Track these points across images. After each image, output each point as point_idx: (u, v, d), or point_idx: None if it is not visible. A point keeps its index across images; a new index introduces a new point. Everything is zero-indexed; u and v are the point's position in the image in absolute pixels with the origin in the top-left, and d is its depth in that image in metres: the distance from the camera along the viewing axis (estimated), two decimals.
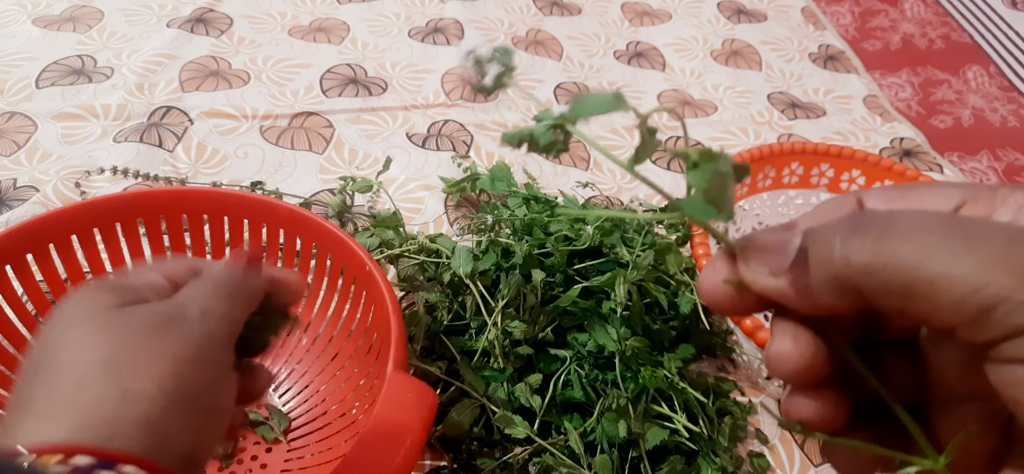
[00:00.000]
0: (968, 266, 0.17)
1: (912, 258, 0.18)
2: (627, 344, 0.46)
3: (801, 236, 0.20)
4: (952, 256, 0.17)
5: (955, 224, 0.18)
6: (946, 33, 0.99)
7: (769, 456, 0.49)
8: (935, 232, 0.18)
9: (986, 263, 0.17)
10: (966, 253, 0.17)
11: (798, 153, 0.59)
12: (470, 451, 0.46)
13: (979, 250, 0.17)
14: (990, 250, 0.17)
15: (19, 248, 0.42)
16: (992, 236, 0.17)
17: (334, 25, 0.86)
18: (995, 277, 0.17)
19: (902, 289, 0.18)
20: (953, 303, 0.17)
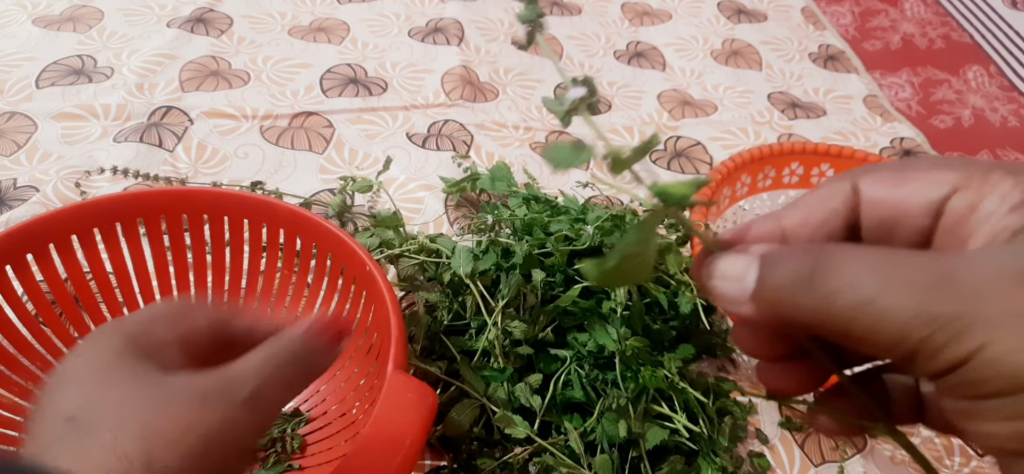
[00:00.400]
0: (889, 322, 0.18)
1: (845, 313, 0.19)
2: (627, 344, 0.46)
3: (758, 267, 0.21)
4: (878, 311, 0.19)
5: (885, 275, 0.19)
6: (946, 33, 0.99)
7: (769, 456, 0.49)
8: (863, 286, 0.19)
9: (904, 318, 0.18)
10: (888, 309, 0.18)
11: (798, 153, 0.59)
12: (470, 451, 0.46)
13: (901, 303, 0.18)
14: (911, 302, 0.18)
15: (19, 248, 0.42)
16: (914, 285, 0.18)
17: (334, 25, 0.86)
18: (911, 331, 0.18)
19: (842, 337, 0.20)
20: (886, 351, 0.19)
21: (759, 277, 0.21)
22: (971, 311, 0.18)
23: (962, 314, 0.18)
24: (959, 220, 0.21)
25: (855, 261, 0.19)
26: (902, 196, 0.22)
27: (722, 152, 0.75)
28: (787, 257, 0.21)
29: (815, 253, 0.20)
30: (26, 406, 0.43)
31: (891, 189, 0.22)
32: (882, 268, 0.19)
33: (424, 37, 0.86)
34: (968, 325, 0.18)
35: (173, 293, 0.49)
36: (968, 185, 0.21)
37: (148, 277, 0.48)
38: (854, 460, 0.50)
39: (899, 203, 0.22)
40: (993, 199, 0.20)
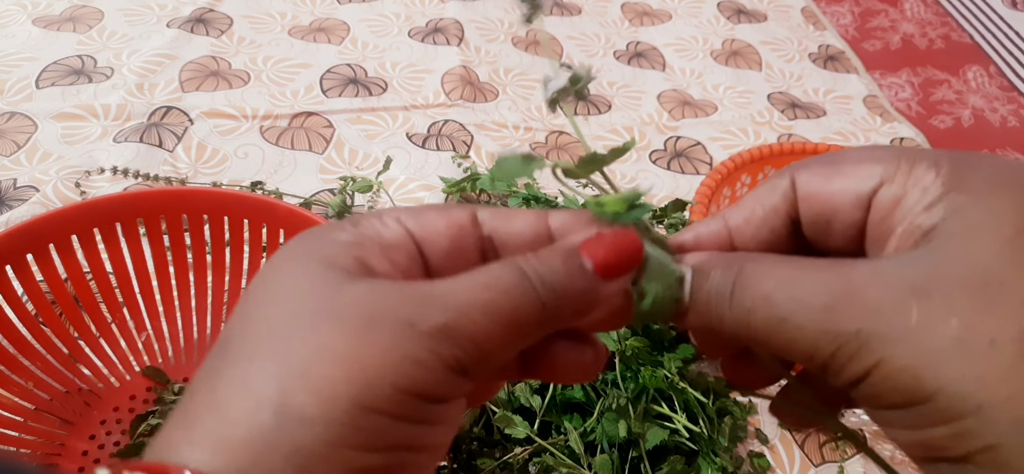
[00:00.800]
0: (800, 339, 0.19)
1: (762, 329, 0.20)
2: (627, 344, 0.46)
3: (689, 279, 0.21)
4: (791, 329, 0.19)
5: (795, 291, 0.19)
6: (946, 33, 0.99)
7: (769, 456, 0.49)
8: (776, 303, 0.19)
9: (811, 335, 0.19)
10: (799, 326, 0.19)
11: (798, 153, 0.59)
12: (470, 451, 0.46)
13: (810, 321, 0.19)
14: (817, 319, 0.19)
15: (19, 248, 0.42)
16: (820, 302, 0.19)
17: (334, 25, 0.86)
18: (819, 347, 0.19)
19: (766, 348, 0.20)
20: (803, 363, 0.20)
21: (691, 291, 0.21)
22: (869, 328, 0.18)
23: (860, 331, 0.18)
24: (886, 214, 0.20)
25: (768, 276, 0.20)
26: (833, 190, 0.21)
27: (722, 152, 0.75)
28: (713, 269, 0.21)
29: (736, 268, 0.20)
30: (26, 406, 0.43)
31: (823, 183, 0.22)
32: (792, 284, 0.19)
33: (424, 37, 0.86)
34: (866, 341, 0.18)
35: (174, 294, 0.49)
36: (894, 177, 0.20)
37: (148, 277, 0.48)
38: (854, 460, 0.50)
39: (830, 197, 0.22)
40: (916, 192, 0.20)
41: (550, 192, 0.65)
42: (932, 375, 0.17)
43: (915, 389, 0.17)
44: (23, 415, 0.42)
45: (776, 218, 0.23)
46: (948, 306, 0.17)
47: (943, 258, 0.18)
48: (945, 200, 0.19)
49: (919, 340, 0.17)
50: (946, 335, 0.17)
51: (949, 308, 0.17)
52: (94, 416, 0.45)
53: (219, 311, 0.50)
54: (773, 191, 0.23)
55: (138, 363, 0.48)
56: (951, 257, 0.18)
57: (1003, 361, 0.17)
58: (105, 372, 0.47)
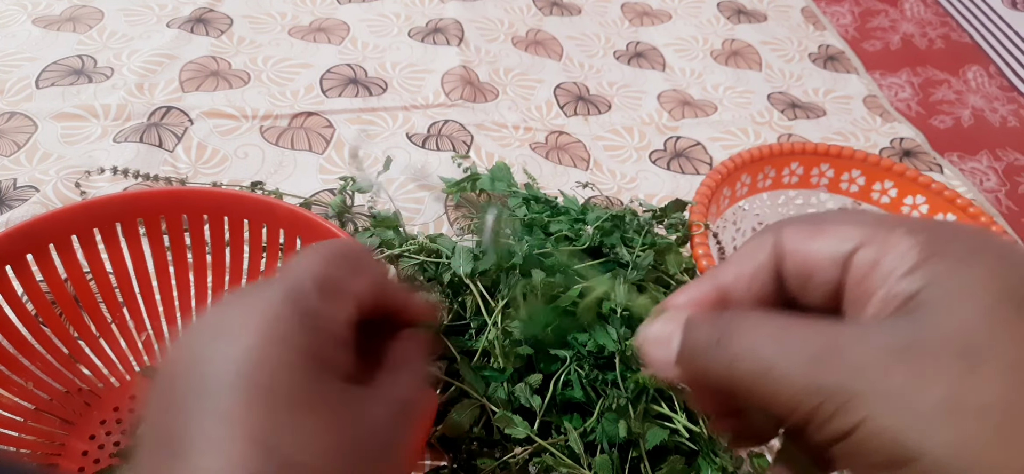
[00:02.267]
0: (783, 391, 0.19)
1: (746, 379, 0.20)
2: (627, 344, 0.46)
3: (681, 333, 0.22)
4: (775, 379, 0.19)
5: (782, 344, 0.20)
6: (946, 33, 0.99)
7: (769, 456, 0.49)
8: (760, 354, 0.20)
9: (795, 388, 0.19)
10: (783, 377, 0.19)
11: (798, 153, 0.59)
12: (470, 451, 0.46)
13: (794, 372, 0.19)
14: (802, 372, 0.19)
15: (19, 248, 0.42)
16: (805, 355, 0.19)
17: (334, 25, 0.86)
18: (802, 400, 0.19)
19: (750, 400, 0.21)
20: (785, 415, 0.20)
21: (681, 342, 0.22)
22: (853, 386, 0.18)
23: (845, 387, 0.18)
24: (863, 276, 0.21)
25: (755, 329, 0.20)
26: (813, 249, 0.22)
27: (722, 152, 0.75)
28: (702, 323, 0.22)
29: (725, 320, 0.21)
30: (26, 406, 0.43)
31: (805, 241, 0.23)
32: (778, 337, 0.20)
33: (424, 37, 0.86)
34: (850, 399, 0.18)
35: (174, 294, 0.49)
36: (872, 241, 0.21)
37: (148, 277, 0.48)
38: None
39: (809, 255, 0.22)
40: (892, 258, 0.20)
41: (550, 192, 0.65)
42: (916, 438, 0.17)
43: (898, 451, 0.17)
44: (23, 415, 0.42)
45: (764, 274, 0.24)
46: (933, 371, 0.18)
47: (926, 324, 0.18)
48: (924, 267, 0.19)
49: (904, 402, 0.18)
50: (931, 399, 0.17)
51: (934, 373, 0.18)
52: (94, 416, 0.45)
53: None
54: (760, 247, 0.24)
55: (138, 363, 0.48)
56: (934, 324, 0.18)
57: (989, 427, 0.17)
58: (105, 372, 0.47)
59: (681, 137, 0.77)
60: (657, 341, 0.23)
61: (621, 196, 0.68)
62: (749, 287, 0.24)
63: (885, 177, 0.58)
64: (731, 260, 0.24)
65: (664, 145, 0.75)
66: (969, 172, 0.78)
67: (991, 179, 0.77)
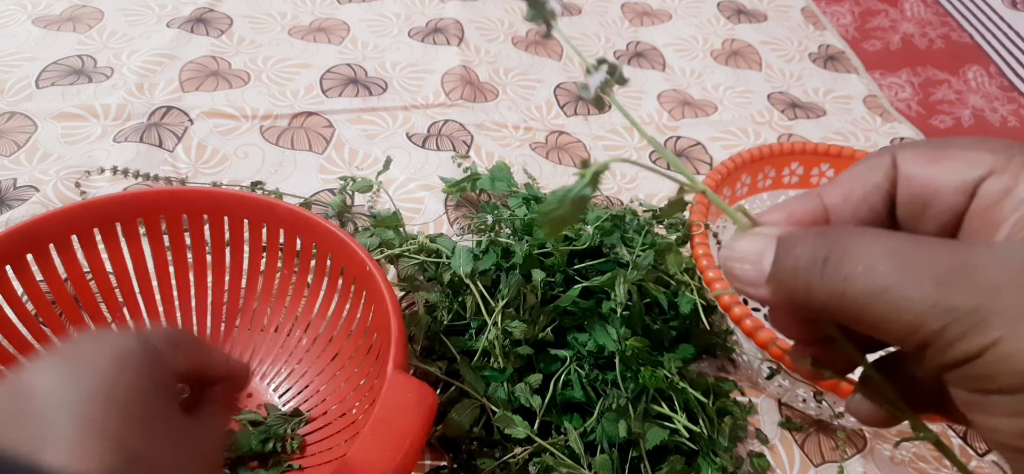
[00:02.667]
0: (903, 311, 0.18)
1: (859, 299, 0.19)
2: (627, 344, 0.46)
3: (774, 249, 0.21)
4: (893, 300, 0.18)
5: (903, 262, 0.18)
6: (946, 33, 0.99)
7: (769, 456, 0.49)
8: (879, 272, 0.19)
9: (919, 308, 0.18)
10: (904, 297, 0.18)
11: (798, 153, 0.59)
12: (470, 451, 0.46)
13: (918, 293, 0.18)
14: (927, 292, 0.18)
15: (19, 248, 0.42)
16: (932, 275, 0.18)
17: (334, 25, 0.86)
18: (926, 321, 0.18)
19: (855, 323, 0.19)
20: (898, 339, 0.19)
21: (775, 259, 0.21)
22: (988, 305, 0.17)
23: (979, 308, 0.17)
24: (992, 204, 0.20)
25: (872, 246, 0.19)
26: (936, 173, 0.21)
27: (722, 152, 0.75)
28: (803, 239, 0.20)
29: (832, 236, 0.20)
30: None
31: (926, 166, 0.21)
32: (900, 255, 0.19)
33: (424, 37, 0.86)
34: (984, 319, 0.17)
35: (174, 294, 0.49)
36: (1006, 168, 0.20)
37: (148, 277, 0.48)
38: (854, 460, 0.50)
39: (932, 180, 0.21)
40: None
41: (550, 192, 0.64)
42: None
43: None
44: None
45: (876, 196, 0.22)
46: None
47: None
48: None
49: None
50: None
51: None
52: None
53: (219, 311, 0.50)
54: (874, 169, 0.22)
55: None
56: None
57: None
58: None
59: (681, 137, 0.77)
60: (746, 256, 0.21)
61: (621, 196, 0.68)
62: (856, 210, 0.22)
63: None
64: (840, 180, 0.23)
65: (664, 145, 0.75)
66: None
67: None
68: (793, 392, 0.51)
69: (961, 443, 0.52)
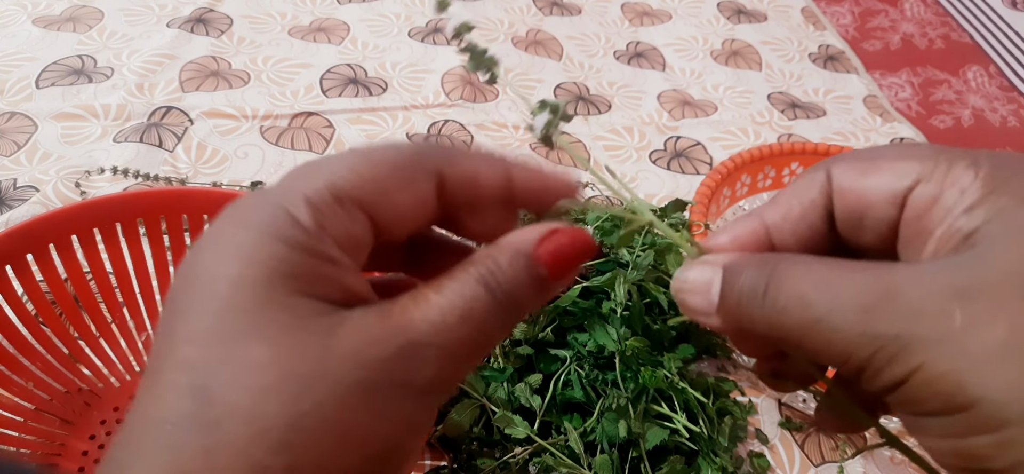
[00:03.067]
0: (835, 342, 0.18)
1: (795, 331, 0.19)
2: (627, 344, 0.46)
3: (721, 278, 0.21)
4: (826, 330, 0.18)
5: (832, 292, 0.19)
6: (946, 33, 0.99)
7: (769, 456, 0.49)
8: (811, 303, 0.19)
9: (847, 337, 0.18)
10: (835, 328, 0.18)
11: (798, 153, 0.59)
12: (470, 451, 0.46)
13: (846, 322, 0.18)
14: (855, 321, 0.18)
15: (19, 248, 0.42)
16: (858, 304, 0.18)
17: (334, 25, 0.86)
18: (855, 350, 0.18)
19: (798, 351, 0.20)
20: (837, 366, 0.19)
21: (721, 290, 0.21)
22: (909, 331, 0.17)
23: (901, 334, 0.17)
24: (921, 213, 0.20)
25: (805, 277, 0.19)
26: (868, 186, 0.21)
27: (722, 152, 0.75)
28: (745, 269, 0.20)
29: (769, 267, 0.20)
30: (26, 406, 0.43)
31: (858, 179, 0.21)
32: (829, 285, 0.19)
33: (424, 37, 0.86)
34: (906, 345, 0.17)
35: None
36: (931, 176, 0.20)
37: (148, 277, 0.48)
38: (854, 460, 0.50)
39: (864, 193, 0.21)
40: (952, 193, 0.19)
41: None
42: (976, 381, 0.17)
43: (956, 395, 0.17)
44: (23, 415, 0.42)
45: (814, 213, 0.22)
46: (994, 310, 0.17)
47: (987, 261, 0.18)
48: (986, 202, 0.19)
49: (962, 344, 0.17)
50: (992, 339, 0.17)
51: (995, 312, 0.17)
52: (94, 416, 0.45)
53: None
54: (810, 185, 0.22)
55: (138, 363, 0.48)
56: (996, 261, 0.18)
57: None
58: (105, 372, 0.47)
59: (681, 137, 0.77)
60: (695, 288, 0.22)
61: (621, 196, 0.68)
62: (796, 228, 0.22)
63: None
64: (778, 198, 0.23)
65: (664, 145, 0.75)
66: None
67: None
68: (793, 392, 0.51)
69: None
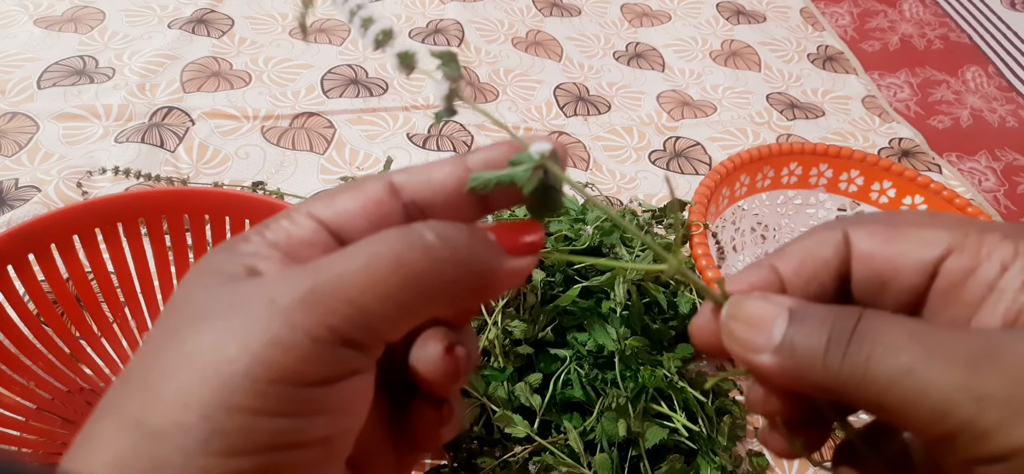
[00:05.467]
0: (930, 395, 0.17)
1: (880, 380, 0.18)
2: (627, 343, 0.46)
3: (786, 320, 0.20)
4: (917, 383, 0.17)
5: (927, 343, 0.17)
6: (945, 34, 1.00)
7: (768, 455, 0.50)
8: (903, 352, 0.18)
9: (948, 391, 0.17)
10: (930, 380, 0.17)
11: (797, 153, 0.59)
12: (470, 450, 0.46)
13: (945, 375, 0.17)
14: (953, 376, 0.17)
15: (21, 248, 0.42)
16: (956, 358, 0.17)
17: (335, 26, 0.86)
18: (954, 407, 0.17)
19: (874, 408, 0.18)
20: (921, 426, 0.18)
21: (787, 330, 0.20)
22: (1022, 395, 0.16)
23: (1014, 398, 0.16)
24: (955, 284, 0.20)
25: (896, 326, 0.18)
26: (894, 253, 0.21)
27: (721, 152, 0.75)
28: (819, 315, 0.20)
29: (853, 315, 0.19)
30: (28, 405, 0.43)
31: (883, 244, 0.21)
32: (923, 337, 0.18)
33: (424, 38, 0.86)
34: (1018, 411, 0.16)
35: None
36: (963, 247, 0.20)
37: (150, 277, 0.48)
38: None
39: (890, 260, 0.21)
40: (991, 265, 0.19)
41: None
42: None
43: None
44: (25, 414, 0.42)
45: (826, 274, 0.22)
46: None
47: None
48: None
49: None
50: None
51: None
52: None
53: None
54: (823, 245, 0.22)
55: None
56: None
57: None
58: (107, 372, 0.47)
59: (680, 137, 0.77)
60: (753, 322, 0.20)
61: (621, 196, 0.69)
62: (807, 286, 0.22)
63: (884, 177, 0.59)
64: (790, 252, 0.22)
65: (663, 145, 0.75)
66: (967, 172, 0.78)
67: (990, 179, 0.78)
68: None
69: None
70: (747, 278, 0.22)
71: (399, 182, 0.21)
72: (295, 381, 0.17)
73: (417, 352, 0.21)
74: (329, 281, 0.17)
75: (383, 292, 0.18)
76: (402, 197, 0.21)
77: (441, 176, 0.21)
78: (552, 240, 0.52)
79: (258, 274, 0.19)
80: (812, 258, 0.22)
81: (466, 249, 0.19)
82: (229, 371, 0.16)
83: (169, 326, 0.18)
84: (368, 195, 0.20)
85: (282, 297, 0.17)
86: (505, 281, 0.20)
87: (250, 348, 0.16)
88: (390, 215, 0.20)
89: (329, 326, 0.17)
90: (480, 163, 0.21)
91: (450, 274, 0.19)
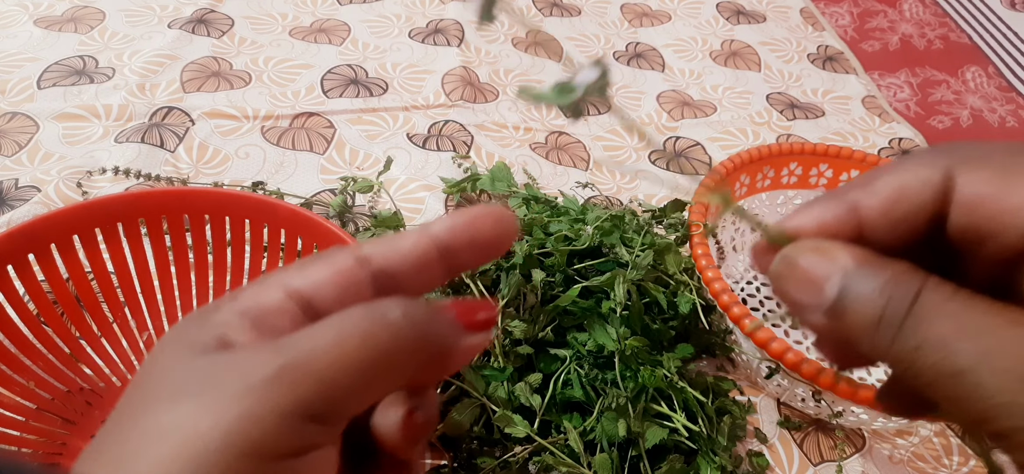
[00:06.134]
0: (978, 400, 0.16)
1: (928, 373, 0.17)
2: (627, 343, 0.46)
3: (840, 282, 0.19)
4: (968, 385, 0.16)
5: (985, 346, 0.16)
6: (945, 34, 1.00)
7: (768, 455, 0.50)
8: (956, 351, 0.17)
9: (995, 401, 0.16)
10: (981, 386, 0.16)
11: (797, 153, 0.59)
12: (470, 450, 0.46)
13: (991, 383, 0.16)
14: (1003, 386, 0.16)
15: (21, 248, 0.42)
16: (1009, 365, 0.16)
17: (335, 26, 0.86)
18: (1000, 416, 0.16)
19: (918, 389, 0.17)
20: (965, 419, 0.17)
21: (840, 295, 0.19)
22: None
23: None
24: None
25: (952, 319, 0.17)
26: (1004, 209, 0.18)
27: (721, 153, 0.75)
28: (876, 283, 0.18)
29: (912, 292, 0.17)
30: (28, 406, 0.43)
31: (997, 193, 0.18)
32: (982, 335, 0.16)
33: (424, 38, 0.86)
34: None
35: (176, 294, 0.49)
36: None
37: (150, 277, 0.48)
38: (853, 459, 0.50)
39: (997, 216, 0.18)
40: None
41: (550, 192, 0.65)
42: None
43: None
44: (25, 414, 0.42)
45: (921, 217, 0.19)
46: None
47: None
48: None
49: None
50: None
51: None
52: (96, 416, 0.46)
53: None
54: (922, 186, 0.19)
55: (140, 362, 0.48)
56: None
57: None
58: (107, 372, 0.47)
59: (680, 137, 0.77)
60: (806, 278, 0.19)
61: (621, 196, 0.69)
62: (896, 228, 0.19)
63: None
64: (878, 188, 0.20)
65: (663, 145, 0.75)
66: None
67: None
68: (792, 391, 0.51)
69: (960, 443, 0.52)
70: (817, 214, 0.21)
71: (367, 253, 0.22)
72: (265, 455, 0.17)
73: (379, 418, 0.22)
74: (299, 358, 0.18)
75: (350, 367, 0.18)
76: (371, 267, 0.21)
77: (407, 246, 0.22)
78: (552, 240, 0.52)
79: (230, 347, 0.19)
80: (906, 199, 0.19)
81: (427, 326, 0.20)
82: (202, 446, 0.17)
83: (143, 396, 0.19)
84: (337, 266, 0.21)
85: (254, 373, 0.18)
86: (461, 358, 0.21)
87: (222, 424, 0.17)
88: (359, 285, 0.21)
89: (298, 401, 0.18)
90: (445, 230, 0.22)
91: (412, 349, 0.20)
